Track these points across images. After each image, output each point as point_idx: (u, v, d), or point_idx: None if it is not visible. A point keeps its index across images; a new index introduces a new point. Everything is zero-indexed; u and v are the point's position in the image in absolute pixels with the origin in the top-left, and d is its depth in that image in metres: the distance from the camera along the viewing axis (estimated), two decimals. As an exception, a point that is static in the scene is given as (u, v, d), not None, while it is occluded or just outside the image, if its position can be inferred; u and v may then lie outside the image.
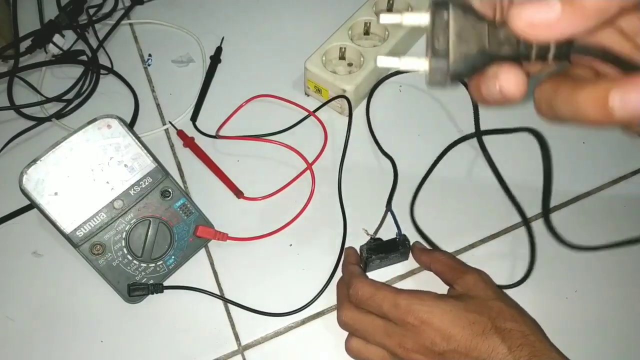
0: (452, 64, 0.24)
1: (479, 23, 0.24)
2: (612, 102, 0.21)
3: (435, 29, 0.24)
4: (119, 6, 0.64)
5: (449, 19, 0.24)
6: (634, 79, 0.21)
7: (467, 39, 0.24)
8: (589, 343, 0.44)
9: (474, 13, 0.24)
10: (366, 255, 0.45)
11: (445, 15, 0.24)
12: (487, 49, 0.24)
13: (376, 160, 0.52)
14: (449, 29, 0.24)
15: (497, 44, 0.24)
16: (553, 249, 0.45)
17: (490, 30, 0.24)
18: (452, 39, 0.24)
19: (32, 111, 0.55)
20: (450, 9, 0.24)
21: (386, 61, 0.26)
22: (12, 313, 0.46)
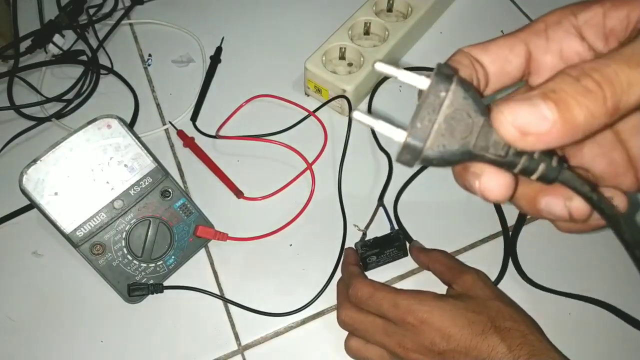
0: (425, 150, 0.21)
1: (475, 113, 0.21)
2: (540, 205, 0.24)
3: (426, 103, 0.21)
4: (119, 6, 0.64)
5: (445, 98, 0.21)
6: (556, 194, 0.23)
7: (454, 130, 0.21)
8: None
9: (476, 98, 0.22)
10: (361, 252, 0.45)
11: (443, 93, 0.21)
12: (470, 148, 0.22)
13: (376, 161, 0.52)
14: (440, 111, 0.21)
15: (484, 146, 0.22)
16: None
17: (484, 128, 0.21)
18: (437, 125, 0.21)
19: (32, 111, 0.55)
20: (452, 88, 0.21)
21: (385, 68, 0.23)
22: (13, 313, 0.46)
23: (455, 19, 0.62)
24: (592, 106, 0.20)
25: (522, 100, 0.20)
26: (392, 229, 0.47)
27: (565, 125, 0.20)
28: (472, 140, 0.21)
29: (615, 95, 0.20)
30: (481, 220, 0.49)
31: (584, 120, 0.20)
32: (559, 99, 0.20)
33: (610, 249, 0.47)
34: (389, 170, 0.51)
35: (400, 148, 0.22)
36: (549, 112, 0.20)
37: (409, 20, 0.56)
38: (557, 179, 0.22)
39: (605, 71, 0.20)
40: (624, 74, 0.20)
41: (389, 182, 0.50)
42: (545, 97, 0.20)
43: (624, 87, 0.20)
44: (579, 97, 0.20)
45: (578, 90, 0.20)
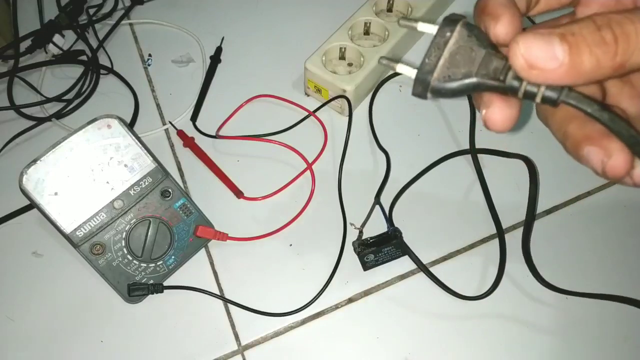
0: (433, 81, 0.24)
1: (478, 47, 0.24)
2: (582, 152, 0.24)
3: (434, 43, 0.24)
4: (119, 6, 0.64)
5: (450, 38, 0.24)
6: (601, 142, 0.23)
7: (458, 62, 0.24)
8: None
9: (480, 36, 0.24)
10: (358, 251, 0.45)
11: (449, 33, 0.24)
12: (473, 76, 0.24)
13: (376, 161, 0.52)
14: (445, 48, 0.24)
15: (486, 74, 0.24)
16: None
17: (485, 57, 0.24)
18: (443, 58, 0.24)
19: (32, 111, 0.55)
20: (457, 29, 0.24)
21: (387, 62, 0.26)
22: (12, 313, 0.46)
23: (455, 19, 0.62)
24: (601, 57, 0.21)
25: (540, 35, 0.21)
26: (389, 227, 0.47)
27: (571, 68, 0.21)
28: (475, 69, 0.24)
29: (627, 52, 0.21)
30: (478, 222, 0.49)
31: (589, 68, 0.21)
32: (575, 42, 0.21)
33: (622, 244, 0.47)
34: (386, 169, 0.51)
35: (413, 82, 0.25)
36: (561, 53, 0.21)
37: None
38: (561, 99, 0.23)
39: (626, 27, 0.21)
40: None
41: (386, 180, 0.50)
42: (562, 38, 0.21)
43: (638, 46, 0.21)
44: (593, 46, 0.21)
45: (595, 39, 0.21)
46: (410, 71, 0.25)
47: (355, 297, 0.46)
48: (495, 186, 0.50)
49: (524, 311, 0.45)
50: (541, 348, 0.43)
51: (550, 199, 0.50)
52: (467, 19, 0.25)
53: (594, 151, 0.24)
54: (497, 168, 0.51)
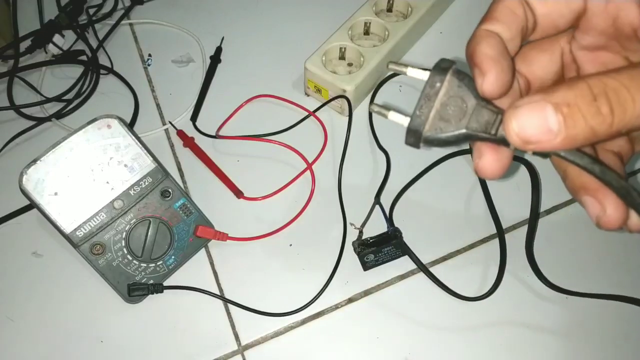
0: (425, 133, 0.25)
1: (469, 97, 0.24)
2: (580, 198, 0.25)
3: (424, 94, 0.25)
4: (119, 6, 0.63)
5: (440, 88, 0.24)
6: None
7: (449, 114, 0.24)
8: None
9: (470, 85, 0.24)
10: (358, 251, 0.45)
11: (439, 83, 0.24)
12: (464, 129, 0.24)
13: (376, 161, 0.52)
14: (436, 99, 0.24)
15: (477, 126, 0.24)
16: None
17: (476, 108, 0.24)
18: (434, 110, 0.24)
19: (32, 111, 0.55)
20: (447, 78, 0.24)
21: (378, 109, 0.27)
22: (12, 313, 0.46)
23: (455, 19, 0.62)
24: (597, 128, 0.21)
25: (534, 107, 0.21)
26: (388, 227, 0.47)
27: (566, 139, 0.21)
28: (466, 122, 0.24)
29: (623, 122, 0.21)
30: (478, 223, 0.49)
31: (585, 138, 0.21)
32: (570, 114, 0.21)
33: (623, 243, 0.47)
34: (386, 169, 0.51)
35: (406, 132, 0.25)
36: (556, 126, 0.21)
37: (409, 20, 0.56)
38: (552, 153, 0.23)
39: (622, 96, 0.21)
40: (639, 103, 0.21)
41: (386, 180, 0.50)
42: (557, 109, 0.21)
43: (634, 115, 0.21)
44: (588, 118, 0.21)
45: (591, 110, 0.21)
46: (403, 120, 0.25)
47: (355, 297, 0.46)
48: (495, 186, 0.50)
49: (525, 312, 0.45)
50: (542, 348, 0.43)
51: (550, 199, 0.50)
52: (457, 65, 0.25)
53: (590, 202, 0.24)
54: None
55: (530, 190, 0.47)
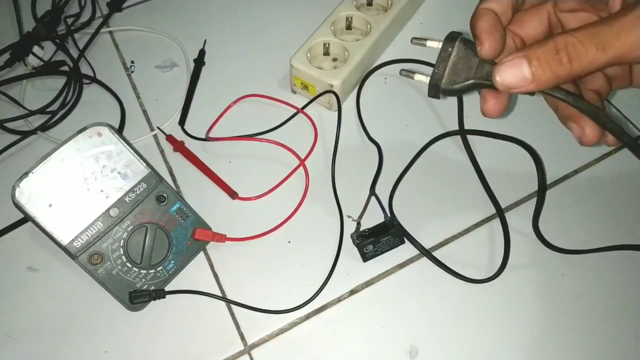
0: (442, 85, 0.33)
1: (473, 57, 0.32)
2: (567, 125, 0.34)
3: (440, 56, 0.33)
4: (97, 14, 0.63)
5: (452, 51, 0.32)
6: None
7: (459, 69, 0.32)
8: (566, 338, 0.45)
9: (474, 48, 0.32)
10: (357, 242, 0.45)
11: (450, 48, 0.32)
12: (471, 78, 0.32)
13: (367, 152, 0.53)
14: (449, 59, 0.33)
15: (480, 77, 0.32)
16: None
17: (479, 64, 0.32)
18: (448, 68, 0.33)
19: (16, 125, 0.54)
20: (456, 44, 0.32)
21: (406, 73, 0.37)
22: (12, 331, 0.45)
23: (434, 10, 0.63)
24: (560, 73, 0.29)
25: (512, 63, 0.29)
26: (385, 217, 0.47)
27: (537, 83, 0.29)
28: (472, 73, 0.32)
29: (579, 68, 0.29)
30: (474, 205, 0.50)
31: (552, 81, 0.29)
32: (538, 65, 0.29)
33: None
34: (379, 160, 0.52)
35: (428, 87, 0.34)
36: (529, 74, 0.29)
37: (389, 13, 0.57)
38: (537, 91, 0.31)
39: (578, 49, 0.29)
40: (591, 53, 0.28)
41: (379, 171, 0.51)
42: (529, 61, 0.29)
43: (588, 62, 0.29)
44: (553, 66, 0.29)
45: (554, 61, 0.29)
46: (425, 78, 0.34)
47: (357, 288, 0.46)
48: (488, 166, 0.51)
49: (535, 287, 0.46)
50: (561, 315, 0.44)
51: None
52: (463, 35, 0.33)
53: (574, 127, 0.33)
54: (486, 148, 0.52)
55: (520, 172, 0.48)
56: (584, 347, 0.43)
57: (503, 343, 0.44)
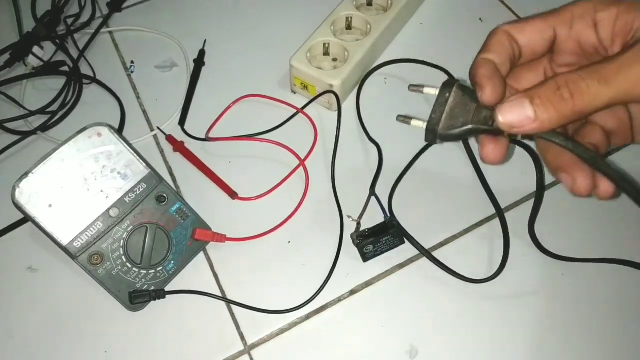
0: (440, 130, 0.32)
1: (471, 102, 0.32)
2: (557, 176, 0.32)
3: (438, 102, 0.32)
4: (97, 15, 0.63)
5: (449, 97, 0.32)
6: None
7: (457, 115, 0.32)
8: (566, 338, 0.45)
9: (472, 94, 0.32)
10: (357, 242, 0.45)
11: (448, 94, 0.32)
12: (469, 123, 0.32)
13: (368, 153, 0.53)
14: (446, 105, 0.32)
15: (478, 122, 0.31)
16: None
17: (477, 109, 0.31)
18: (445, 113, 0.32)
19: (16, 125, 0.55)
20: (454, 90, 0.32)
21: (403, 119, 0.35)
22: (12, 331, 0.45)
23: (434, 10, 0.63)
24: (563, 110, 0.29)
25: (514, 102, 0.29)
26: (385, 217, 0.47)
27: (541, 122, 0.29)
28: (470, 118, 0.32)
29: (582, 104, 0.28)
30: (473, 205, 0.50)
31: (556, 120, 0.29)
32: (541, 103, 0.29)
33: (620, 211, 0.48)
34: (379, 161, 0.52)
35: (425, 132, 0.33)
36: (532, 113, 0.29)
37: (389, 13, 0.57)
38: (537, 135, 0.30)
39: (579, 85, 0.28)
40: (593, 88, 0.28)
41: (379, 171, 0.51)
42: (532, 101, 0.29)
43: (590, 98, 0.28)
44: (555, 103, 0.29)
45: (556, 98, 0.29)
46: (422, 124, 0.33)
47: (357, 288, 0.46)
48: (488, 166, 0.51)
49: (533, 288, 0.46)
50: (553, 320, 0.44)
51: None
52: (460, 82, 0.32)
53: (564, 177, 0.32)
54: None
55: (520, 172, 0.48)
56: (584, 347, 0.43)
57: (503, 343, 0.44)
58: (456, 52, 0.58)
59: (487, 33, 0.34)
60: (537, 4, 0.62)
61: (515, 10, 0.62)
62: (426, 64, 0.57)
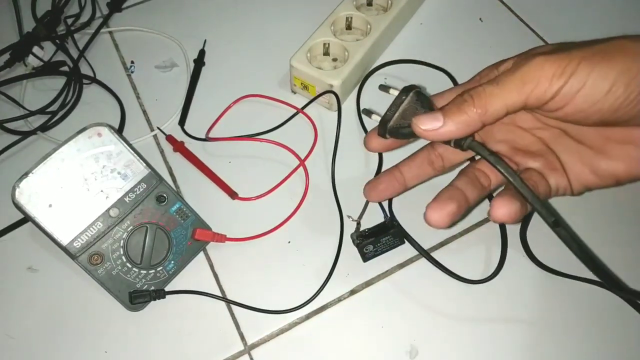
0: (389, 126, 0.38)
1: (420, 108, 0.37)
2: None
3: (394, 102, 0.38)
4: (97, 15, 0.63)
5: (404, 100, 0.37)
6: None
7: (406, 116, 0.37)
8: (565, 338, 0.45)
9: (424, 101, 0.37)
10: (357, 242, 0.45)
11: (404, 97, 0.37)
12: None
13: (367, 152, 0.53)
14: (400, 106, 0.37)
15: None
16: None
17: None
18: (398, 113, 0.38)
19: (16, 125, 0.55)
20: (410, 95, 0.37)
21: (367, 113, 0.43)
22: (12, 331, 0.45)
23: (434, 10, 0.63)
24: (466, 110, 0.34)
25: (428, 114, 0.36)
26: (385, 217, 0.47)
27: (450, 124, 0.34)
28: None
29: (481, 102, 0.34)
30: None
31: (463, 119, 0.34)
32: (448, 108, 0.35)
33: (617, 234, 0.48)
34: (379, 161, 0.52)
35: (378, 125, 0.39)
36: (441, 117, 0.35)
37: (389, 13, 0.57)
38: (465, 145, 0.36)
39: (477, 89, 0.35)
40: (488, 89, 0.34)
41: (379, 171, 0.51)
42: (441, 109, 0.35)
43: (487, 97, 0.34)
44: (459, 106, 0.35)
45: (459, 101, 0.35)
46: (377, 118, 0.39)
47: (357, 288, 0.46)
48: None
49: (529, 293, 0.46)
50: (545, 330, 0.44)
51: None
52: (419, 89, 0.37)
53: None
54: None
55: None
56: (584, 346, 0.43)
57: (502, 343, 0.44)
58: (456, 52, 0.58)
59: (487, 33, 0.35)
60: (537, 4, 0.63)
61: (515, 10, 0.62)
62: (426, 64, 0.57)
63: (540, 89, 0.33)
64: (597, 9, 0.63)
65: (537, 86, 0.33)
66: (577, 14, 0.63)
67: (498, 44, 0.59)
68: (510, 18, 0.62)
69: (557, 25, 0.61)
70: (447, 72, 0.57)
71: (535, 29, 0.61)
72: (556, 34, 0.60)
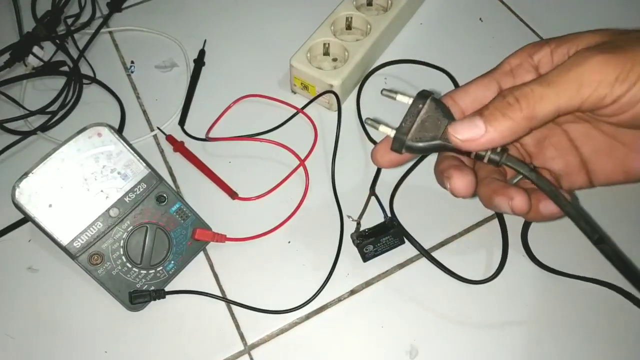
0: (407, 141, 0.32)
1: (442, 118, 0.31)
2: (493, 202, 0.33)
3: (410, 111, 0.32)
4: (97, 15, 0.63)
5: (422, 108, 0.32)
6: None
7: (427, 128, 0.31)
8: (565, 338, 0.45)
9: (444, 110, 0.32)
10: (357, 242, 0.45)
11: (421, 105, 0.32)
12: (438, 139, 0.31)
13: (367, 152, 0.53)
14: (418, 116, 0.32)
15: (447, 139, 0.31)
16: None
17: (447, 127, 0.31)
18: (416, 124, 0.32)
19: (16, 125, 0.55)
20: (427, 102, 0.32)
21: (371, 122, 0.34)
22: (12, 330, 0.45)
23: (434, 10, 0.63)
24: (512, 115, 0.29)
25: (465, 119, 0.31)
26: (385, 217, 0.47)
27: (493, 132, 0.29)
28: (439, 134, 0.31)
29: (529, 106, 0.29)
30: (473, 206, 0.49)
31: (507, 126, 0.29)
32: (489, 113, 0.30)
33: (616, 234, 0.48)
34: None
35: (392, 140, 0.32)
36: (482, 124, 0.30)
37: (389, 13, 0.57)
38: (502, 161, 0.31)
39: (523, 90, 0.29)
40: (537, 90, 0.29)
41: (379, 171, 0.51)
42: (480, 114, 0.30)
43: (536, 99, 0.29)
44: (503, 110, 0.29)
45: (502, 105, 0.30)
46: (390, 131, 0.33)
47: (357, 288, 0.46)
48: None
49: (530, 293, 0.46)
50: (546, 330, 0.44)
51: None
52: (435, 95, 0.32)
53: (501, 199, 0.32)
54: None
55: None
56: (585, 346, 0.43)
57: (502, 343, 0.44)
58: (456, 52, 0.58)
59: (487, 33, 0.34)
60: (537, 4, 0.63)
61: (515, 10, 0.62)
62: (426, 64, 0.57)
63: (599, 93, 0.29)
64: (597, 8, 0.63)
65: (596, 90, 0.29)
66: (577, 14, 0.63)
67: (498, 44, 0.59)
68: (510, 18, 0.62)
69: (557, 25, 0.61)
70: (447, 72, 0.57)
71: (535, 28, 0.61)
72: (556, 34, 0.59)
